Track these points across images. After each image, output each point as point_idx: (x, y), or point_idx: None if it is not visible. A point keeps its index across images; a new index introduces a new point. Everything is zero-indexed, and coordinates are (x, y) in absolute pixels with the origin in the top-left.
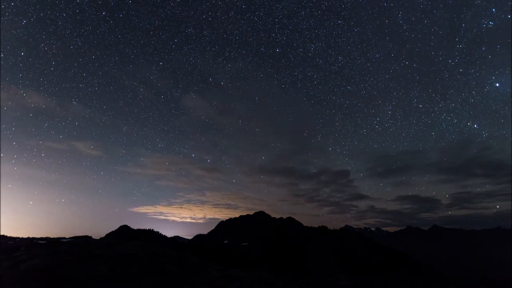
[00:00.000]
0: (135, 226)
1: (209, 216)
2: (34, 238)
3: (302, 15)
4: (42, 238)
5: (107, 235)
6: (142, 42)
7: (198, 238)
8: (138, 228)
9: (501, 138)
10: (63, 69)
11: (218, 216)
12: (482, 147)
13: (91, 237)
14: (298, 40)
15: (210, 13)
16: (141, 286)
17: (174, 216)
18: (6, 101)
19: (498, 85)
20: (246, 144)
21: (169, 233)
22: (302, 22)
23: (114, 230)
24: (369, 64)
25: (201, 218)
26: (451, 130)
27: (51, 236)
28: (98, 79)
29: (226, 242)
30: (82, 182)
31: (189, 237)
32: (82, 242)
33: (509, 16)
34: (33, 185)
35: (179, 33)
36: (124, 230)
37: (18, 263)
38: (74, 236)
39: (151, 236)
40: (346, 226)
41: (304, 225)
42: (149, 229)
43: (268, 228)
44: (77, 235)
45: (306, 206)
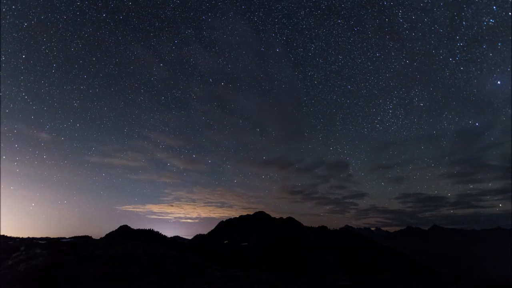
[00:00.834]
0: (135, 226)
1: (204, 215)
2: (34, 238)
3: (302, 15)
4: (42, 238)
5: (107, 235)
6: (142, 43)
7: (198, 238)
8: (138, 228)
9: (503, 136)
10: (64, 71)
11: (213, 215)
12: (484, 145)
13: (91, 237)
14: (298, 40)
15: (209, 14)
16: (141, 286)
17: (169, 215)
18: (8, 103)
19: (499, 82)
20: (247, 144)
21: (169, 233)
22: (302, 21)
23: (114, 230)
24: (369, 63)
25: (196, 218)
26: (453, 129)
27: (51, 236)
28: (99, 81)
29: (226, 242)
30: (84, 183)
31: (189, 237)
32: (82, 242)
33: (510, 13)
34: (35, 186)
35: (179, 34)
36: (124, 230)
37: (18, 263)
38: (74, 236)
39: (151, 236)
40: (346, 226)
41: (304, 225)
42: (149, 229)
43: (268, 228)
44: (77, 235)
45: (305, 205)
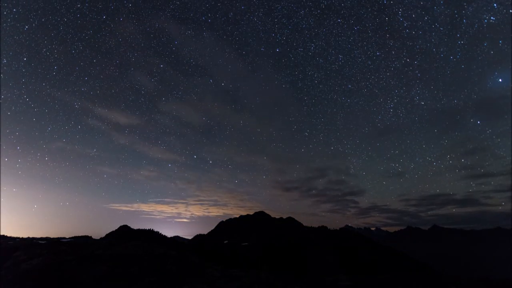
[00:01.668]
0: (135, 226)
1: (197, 213)
2: (34, 238)
3: (301, 15)
4: (42, 238)
5: (107, 235)
6: (142, 45)
7: (198, 238)
8: (138, 228)
9: (504, 133)
10: (65, 73)
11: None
12: (485, 144)
13: (91, 237)
14: (298, 39)
15: (209, 14)
16: (141, 286)
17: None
18: (9, 105)
19: (501, 80)
20: (248, 144)
21: (169, 233)
22: (302, 21)
23: (114, 230)
24: (369, 62)
25: (190, 217)
26: (454, 127)
27: (51, 236)
28: (100, 82)
29: (226, 242)
30: (85, 184)
31: (189, 237)
32: (82, 242)
33: (510, 11)
34: (37, 189)
35: (179, 35)
36: (124, 230)
37: (18, 263)
38: (74, 236)
39: (151, 236)
40: (346, 226)
41: (304, 225)
42: (149, 229)
43: (268, 228)
44: (77, 235)
45: (304, 203)
